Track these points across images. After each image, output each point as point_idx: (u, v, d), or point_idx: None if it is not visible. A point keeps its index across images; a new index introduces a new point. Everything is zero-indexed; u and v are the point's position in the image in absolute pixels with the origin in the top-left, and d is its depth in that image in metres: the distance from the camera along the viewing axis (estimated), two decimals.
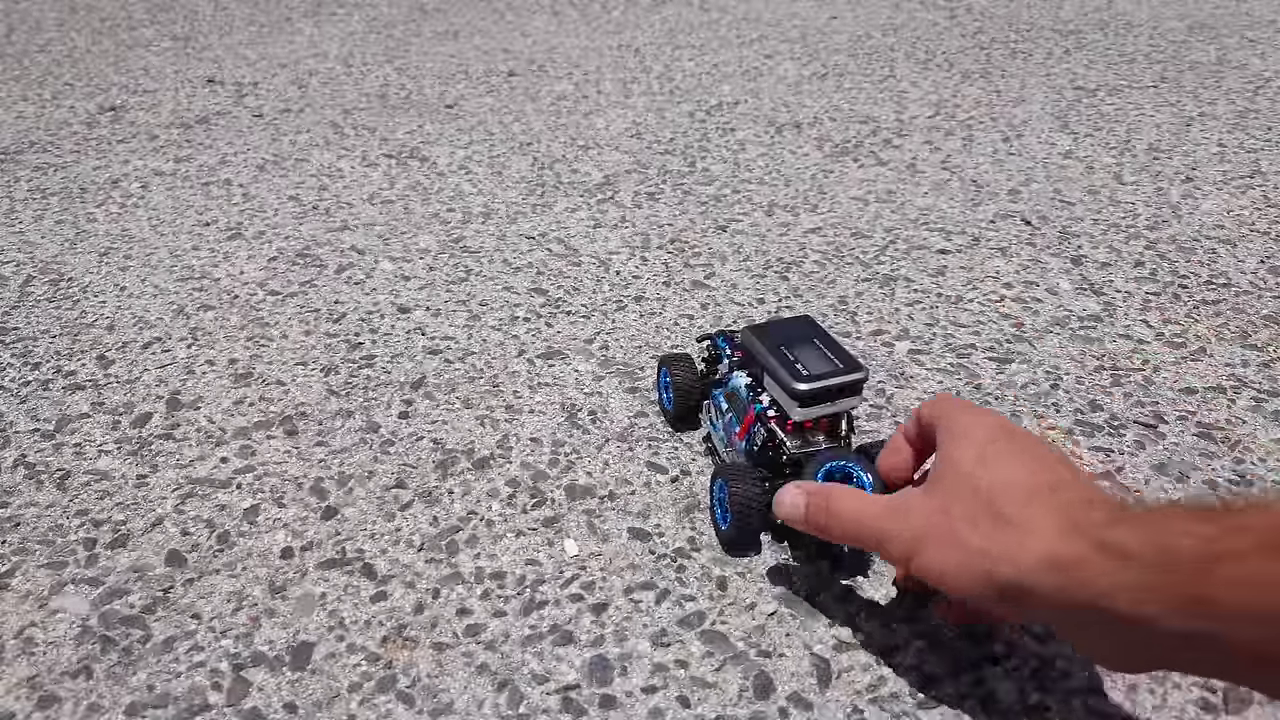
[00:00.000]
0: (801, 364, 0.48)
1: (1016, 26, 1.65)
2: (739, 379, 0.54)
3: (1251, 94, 1.26)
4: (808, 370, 0.48)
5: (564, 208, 0.96)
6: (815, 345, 0.50)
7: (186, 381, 0.69)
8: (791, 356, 0.49)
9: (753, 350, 0.51)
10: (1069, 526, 0.34)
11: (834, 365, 0.48)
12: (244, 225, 0.94)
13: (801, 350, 0.50)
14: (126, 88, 1.41)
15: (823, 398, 0.48)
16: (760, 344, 0.51)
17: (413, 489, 0.57)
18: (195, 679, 0.45)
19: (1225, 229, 0.89)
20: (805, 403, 0.48)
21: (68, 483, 0.59)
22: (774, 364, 0.49)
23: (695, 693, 0.44)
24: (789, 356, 0.49)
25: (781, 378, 0.48)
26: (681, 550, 0.52)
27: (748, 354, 0.53)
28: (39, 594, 0.50)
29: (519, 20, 1.77)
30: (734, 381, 0.54)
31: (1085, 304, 0.77)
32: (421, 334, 0.74)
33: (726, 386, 0.55)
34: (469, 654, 0.46)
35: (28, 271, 0.86)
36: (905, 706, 0.43)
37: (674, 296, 0.79)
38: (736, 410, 0.53)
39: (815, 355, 0.49)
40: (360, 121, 1.24)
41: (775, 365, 0.49)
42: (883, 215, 0.93)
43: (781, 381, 0.48)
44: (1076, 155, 1.07)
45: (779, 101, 1.29)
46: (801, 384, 0.47)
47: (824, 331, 0.52)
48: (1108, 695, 0.43)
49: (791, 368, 0.48)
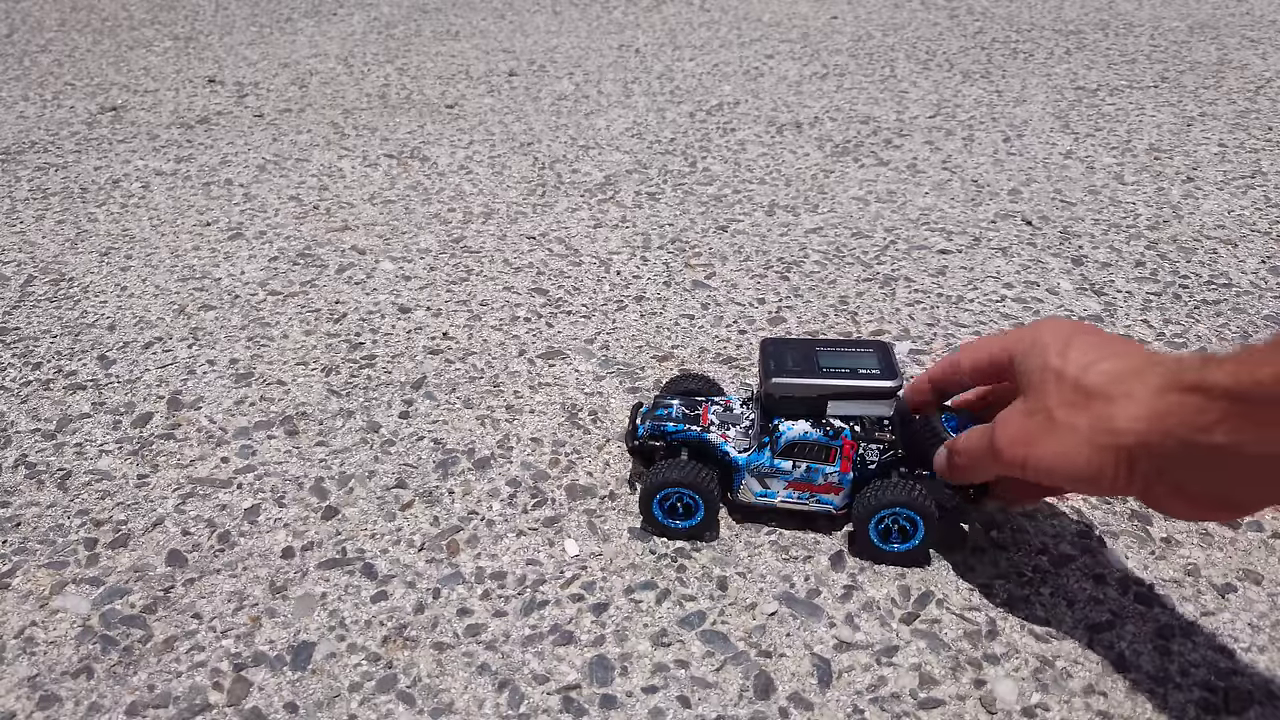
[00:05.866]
0: (862, 370, 0.50)
1: (1017, 26, 1.65)
2: (792, 430, 0.50)
3: (1252, 94, 1.26)
4: (874, 370, 0.50)
5: (565, 208, 0.96)
6: (831, 352, 0.51)
7: (187, 381, 0.69)
8: (845, 370, 0.50)
9: (804, 393, 0.50)
10: (1162, 382, 0.36)
11: (872, 353, 0.51)
12: (245, 225, 0.94)
13: (834, 361, 0.50)
14: (127, 87, 1.41)
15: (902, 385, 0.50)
16: (809, 381, 0.50)
17: (413, 489, 0.57)
18: (196, 679, 0.45)
19: (1226, 229, 0.89)
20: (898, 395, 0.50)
21: (69, 482, 0.59)
22: (846, 385, 0.49)
23: (696, 693, 0.44)
24: (842, 371, 0.50)
25: (868, 389, 0.49)
26: (682, 550, 0.52)
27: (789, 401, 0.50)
28: (40, 594, 0.50)
29: (519, 20, 1.77)
30: (788, 435, 0.50)
31: (1086, 304, 0.77)
32: (422, 333, 0.74)
33: (779, 447, 0.50)
34: (469, 654, 0.46)
35: (29, 271, 0.86)
36: (905, 706, 0.43)
37: (674, 296, 0.79)
38: (813, 457, 0.50)
39: (848, 358, 0.51)
40: (361, 121, 1.24)
41: (848, 385, 0.49)
42: (883, 215, 0.93)
43: (870, 392, 0.49)
44: (1077, 155, 1.07)
45: (780, 101, 1.29)
46: (892, 380, 0.49)
47: (803, 340, 0.53)
48: (1108, 695, 0.43)
49: (863, 376, 0.50)
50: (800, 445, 0.50)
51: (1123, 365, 0.39)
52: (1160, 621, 0.47)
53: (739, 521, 0.54)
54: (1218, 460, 0.35)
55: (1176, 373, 0.36)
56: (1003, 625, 0.47)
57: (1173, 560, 0.51)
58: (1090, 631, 0.46)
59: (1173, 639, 0.46)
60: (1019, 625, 0.47)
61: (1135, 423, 0.36)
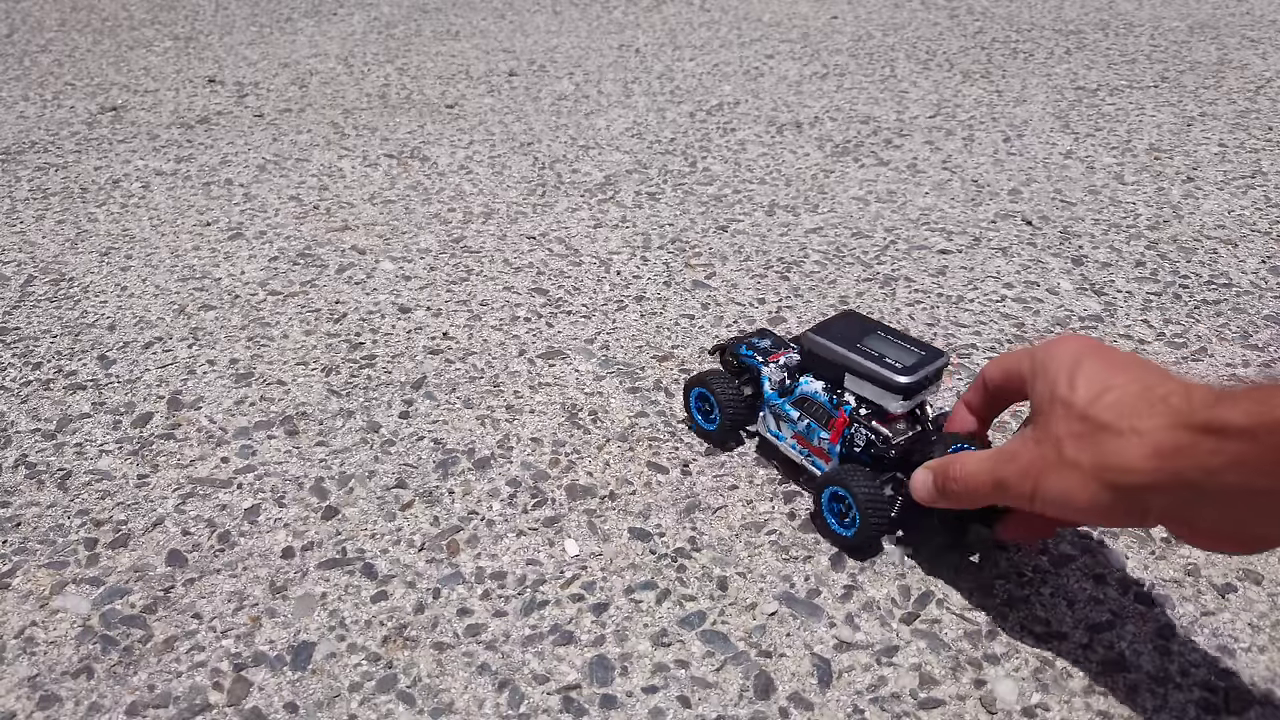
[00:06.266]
0: (890, 358, 0.49)
1: (1017, 26, 1.65)
2: (810, 384, 0.53)
3: (1252, 94, 1.26)
4: (900, 363, 0.49)
5: (565, 208, 0.96)
6: (885, 338, 0.51)
7: (187, 381, 0.69)
8: (876, 352, 0.50)
9: (826, 354, 0.51)
10: (1172, 418, 0.35)
11: (919, 354, 0.50)
12: (245, 225, 0.94)
13: (878, 344, 0.51)
14: (127, 87, 1.41)
15: (919, 388, 0.49)
16: (835, 346, 0.51)
17: (413, 489, 0.57)
18: (196, 679, 0.45)
19: (1226, 229, 0.89)
20: (908, 395, 0.49)
21: (69, 482, 0.59)
22: (863, 363, 0.49)
23: (696, 693, 0.44)
24: (873, 353, 0.50)
25: (878, 374, 0.49)
26: (682, 550, 0.52)
27: (815, 358, 0.53)
28: (40, 594, 0.50)
29: (519, 20, 1.77)
30: (804, 388, 0.53)
31: (1086, 304, 0.77)
32: (422, 333, 0.74)
33: (794, 394, 0.54)
34: (470, 654, 0.46)
35: (29, 271, 0.86)
36: (905, 706, 0.43)
37: (674, 296, 0.79)
38: (815, 416, 0.53)
39: (894, 347, 0.50)
40: (361, 121, 1.24)
41: (865, 364, 0.49)
42: (883, 215, 0.93)
43: (879, 378, 0.49)
44: (1077, 155, 1.07)
45: (780, 101, 1.29)
46: (904, 377, 0.48)
47: (875, 322, 0.53)
48: (1108, 695, 0.43)
49: (884, 363, 0.49)
50: (808, 401, 0.53)
51: (1131, 396, 0.37)
52: (1160, 621, 0.47)
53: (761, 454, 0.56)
54: (1232, 499, 0.33)
55: (1187, 410, 0.35)
56: (1003, 625, 0.47)
57: (1173, 560, 0.51)
58: (1090, 631, 0.46)
59: (1173, 639, 0.46)
60: (1019, 625, 0.47)
61: (1144, 461, 0.35)
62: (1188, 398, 0.35)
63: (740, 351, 0.58)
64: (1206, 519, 0.35)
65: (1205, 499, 0.34)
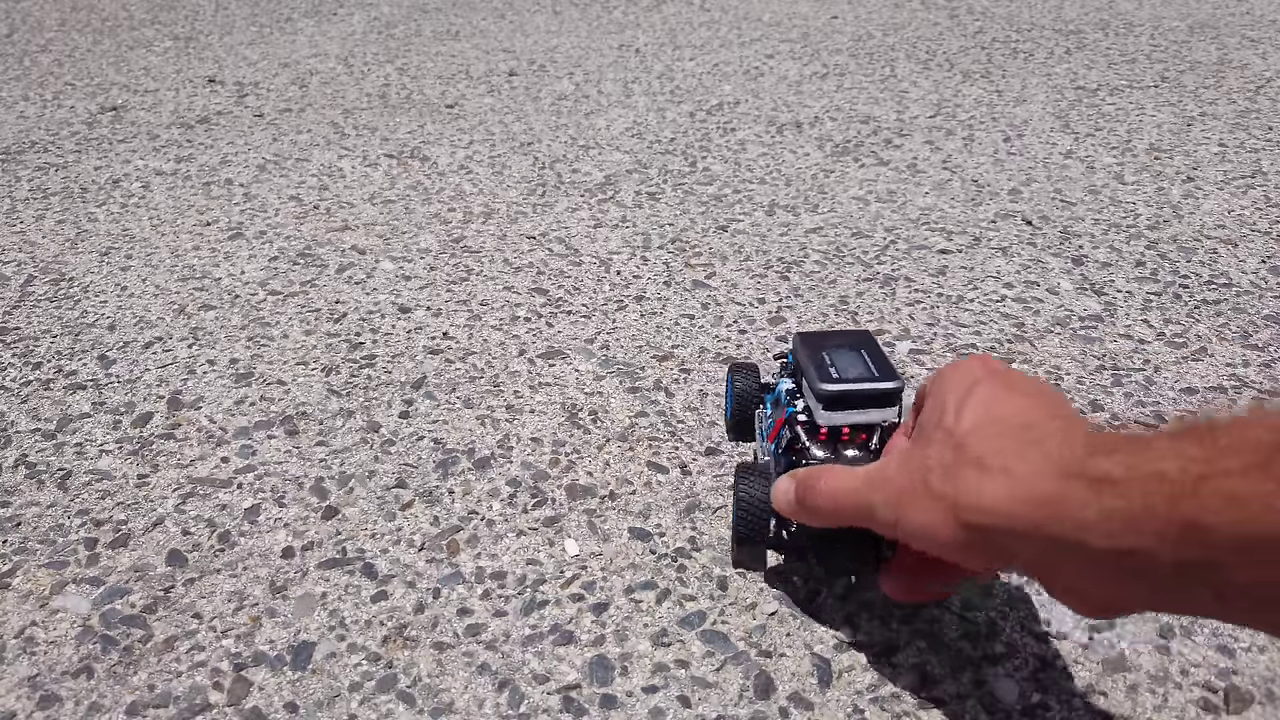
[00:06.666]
0: (835, 368, 0.47)
1: (1017, 26, 1.65)
2: (783, 383, 0.52)
3: (1252, 94, 1.26)
4: (838, 374, 0.47)
5: (565, 207, 0.96)
6: (859, 354, 0.49)
7: (187, 381, 0.69)
8: (828, 360, 0.48)
9: (795, 354, 0.50)
10: (1046, 462, 0.32)
11: (868, 373, 0.47)
12: (245, 225, 0.94)
13: (841, 356, 0.48)
14: (127, 87, 1.41)
15: (849, 403, 0.46)
16: (805, 349, 0.49)
17: (413, 489, 0.57)
18: (196, 679, 0.45)
19: (1226, 229, 0.89)
20: (829, 405, 0.46)
21: (69, 482, 0.59)
22: (808, 366, 0.48)
23: (696, 692, 0.44)
24: (826, 360, 0.48)
25: (810, 378, 0.47)
26: (682, 550, 0.52)
27: (790, 358, 0.53)
28: (40, 593, 0.50)
29: (519, 20, 1.77)
30: (781, 384, 0.53)
31: (1086, 304, 0.77)
32: (422, 333, 0.74)
33: (774, 393, 0.54)
34: (470, 654, 0.46)
35: (29, 271, 0.86)
36: (905, 706, 0.43)
37: (674, 296, 0.79)
38: (776, 415, 0.52)
39: (853, 361, 0.48)
40: (361, 121, 1.24)
41: (809, 367, 0.48)
42: (883, 215, 0.93)
43: (810, 382, 0.47)
44: (1077, 155, 1.07)
45: (780, 101, 1.29)
46: (827, 385, 0.46)
47: (876, 345, 0.50)
48: (1108, 695, 0.43)
49: (823, 370, 0.47)
50: (777, 396, 0.53)
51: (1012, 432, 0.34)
52: (1160, 621, 0.47)
53: None
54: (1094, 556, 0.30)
55: (1060, 456, 0.31)
56: (1003, 625, 0.47)
57: None
58: (1090, 631, 0.46)
59: (1173, 639, 0.46)
60: (1019, 625, 0.47)
61: (1007, 504, 0.32)
62: (1066, 441, 0.32)
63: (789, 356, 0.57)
64: (1066, 575, 0.32)
65: (1066, 553, 0.31)
